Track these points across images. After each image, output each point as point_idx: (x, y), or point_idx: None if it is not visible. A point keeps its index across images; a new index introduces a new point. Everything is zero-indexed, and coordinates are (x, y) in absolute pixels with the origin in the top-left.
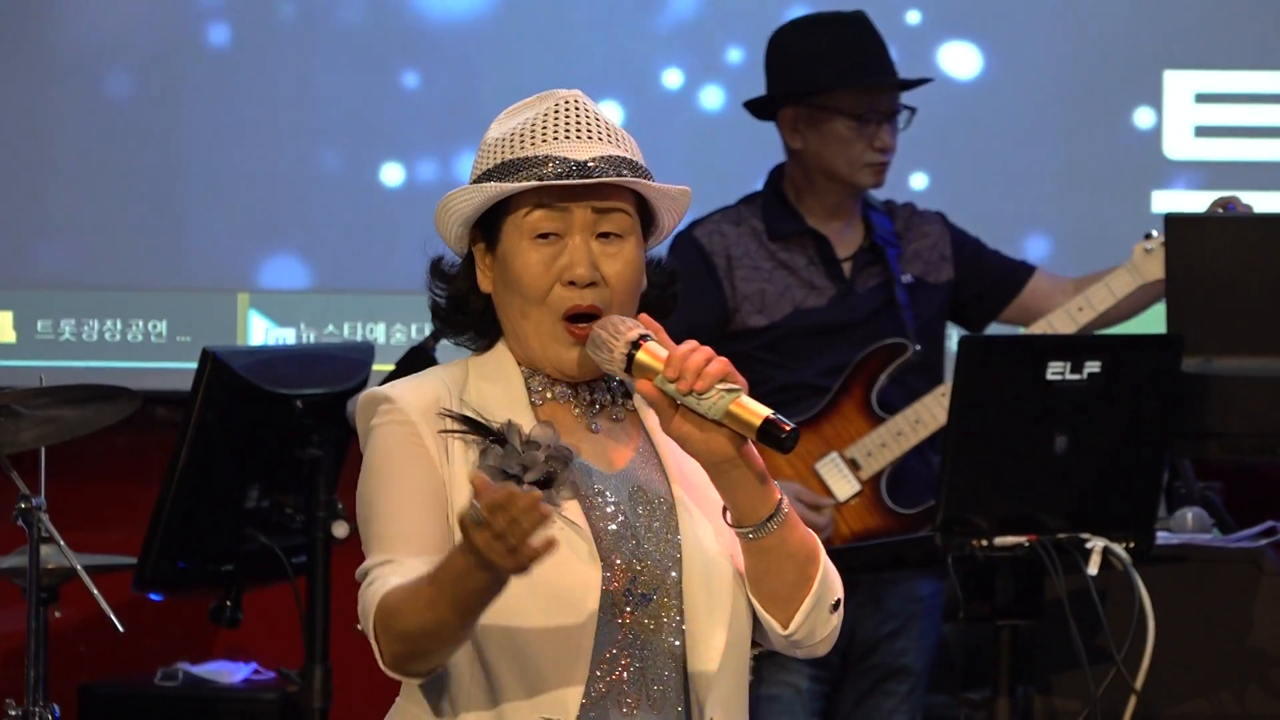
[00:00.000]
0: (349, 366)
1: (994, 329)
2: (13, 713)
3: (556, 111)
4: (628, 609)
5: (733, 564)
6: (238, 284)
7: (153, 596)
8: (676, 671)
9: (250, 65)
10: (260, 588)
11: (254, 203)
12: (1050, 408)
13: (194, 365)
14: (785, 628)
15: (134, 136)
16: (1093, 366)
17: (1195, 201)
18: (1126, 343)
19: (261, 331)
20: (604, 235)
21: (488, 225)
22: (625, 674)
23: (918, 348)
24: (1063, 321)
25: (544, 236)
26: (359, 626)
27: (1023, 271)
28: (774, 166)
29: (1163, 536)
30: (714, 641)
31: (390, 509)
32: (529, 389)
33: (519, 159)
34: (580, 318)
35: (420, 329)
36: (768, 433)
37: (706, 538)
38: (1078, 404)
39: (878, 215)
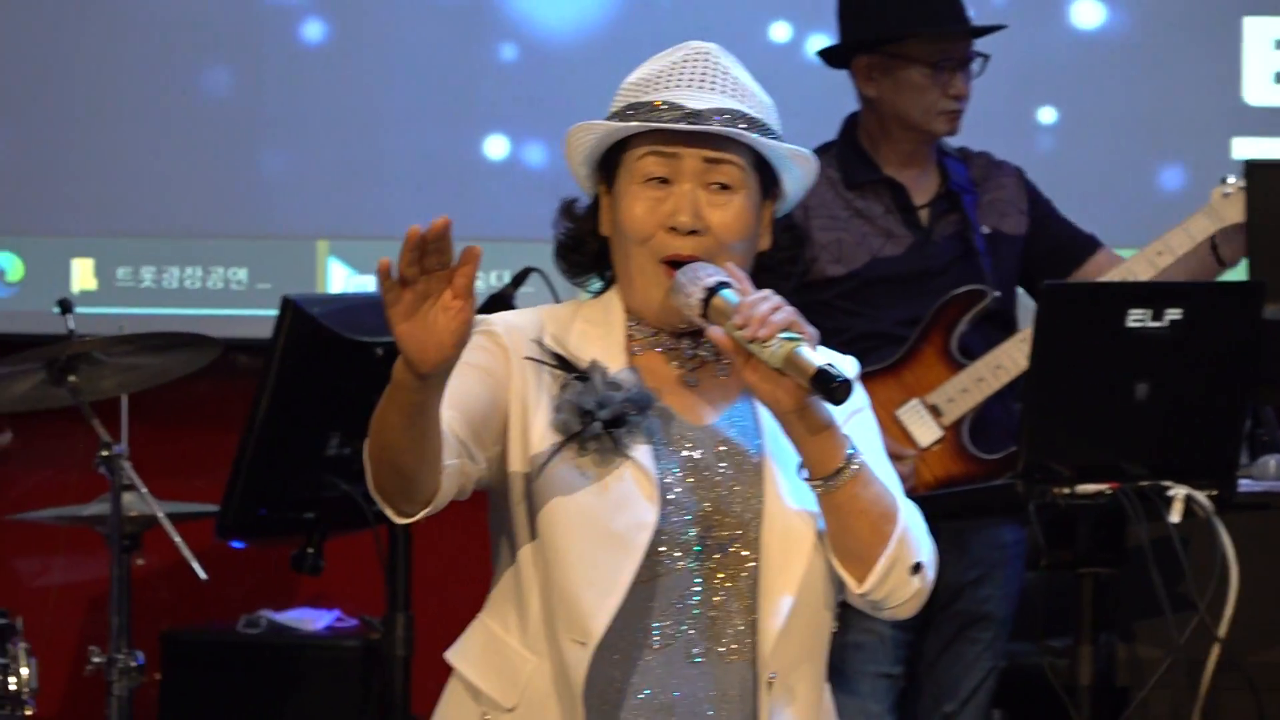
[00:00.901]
0: None
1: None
2: (96, 659)
3: (685, 61)
4: (701, 558)
5: (819, 531)
6: (317, 231)
7: (235, 544)
8: (747, 626)
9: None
10: (342, 535)
11: (334, 149)
12: (1131, 355)
13: (274, 312)
14: (860, 585)
15: (214, 86)
16: (1174, 313)
17: (1275, 147)
18: (1207, 290)
19: (341, 279)
20: (714, 185)
21: (609, 167)
22: (695, 622)
23: (997, 294)
24: (1142, 266)
25: (653, 180)
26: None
27: (1089, 243)
28: (848, 115)
29: (1245, 484)
30: (784, 601)
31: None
32: (631, 336)
33: (639, 103)
34: (680, 264)
35: (500, 276)
36: (820, 382)
37: (790, 499)
38: (1159, 351)
39: (953, 162)
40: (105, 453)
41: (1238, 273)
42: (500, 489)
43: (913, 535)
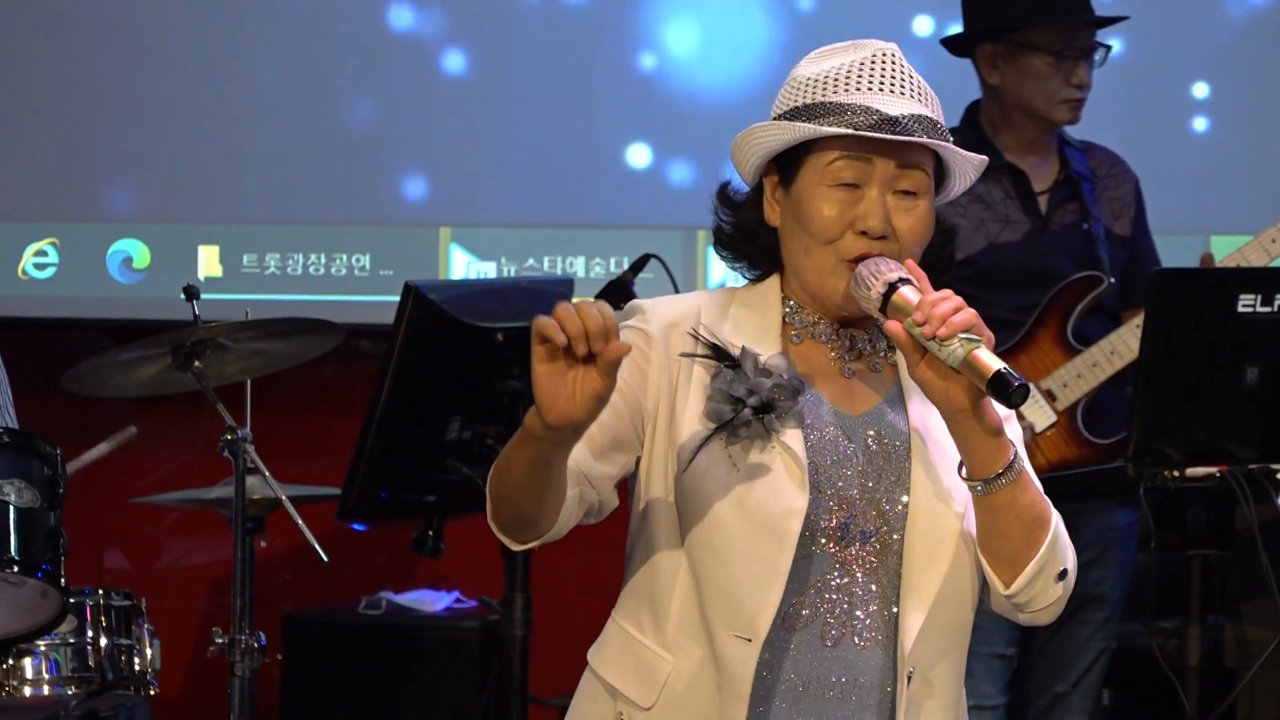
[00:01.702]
0: (549, 300)
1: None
2: (219, 640)
3: (873, 61)
4: (844, 544)
5: (963, 523)
6: (440, 218)
7: (356, 527)
8: (888, 615)
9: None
10: (461, 518)
11: (454, 138)
12: (1241, 340)
13: (396, 298)
14: (1007, 587)
15: (340, 75)
16: None
17: None
18: None
19: (463, 265)
20: (901, 191)
21: (785, 161)
22: (833, 607)
23: (1112, 280)
24: (1255, 253)
25: (844, 184)
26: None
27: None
28: (970, 102)
29: None
30: (927, 592)
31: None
32: (790, 324)
33: (831, 103)
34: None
35: (619, 263)
36: (997, 384)
37: (938, 492)
38: (1269, 336)
39: (1074, 151)
40: (229, 436)
41: None
42: (643, 489)
43: (1061, 542)
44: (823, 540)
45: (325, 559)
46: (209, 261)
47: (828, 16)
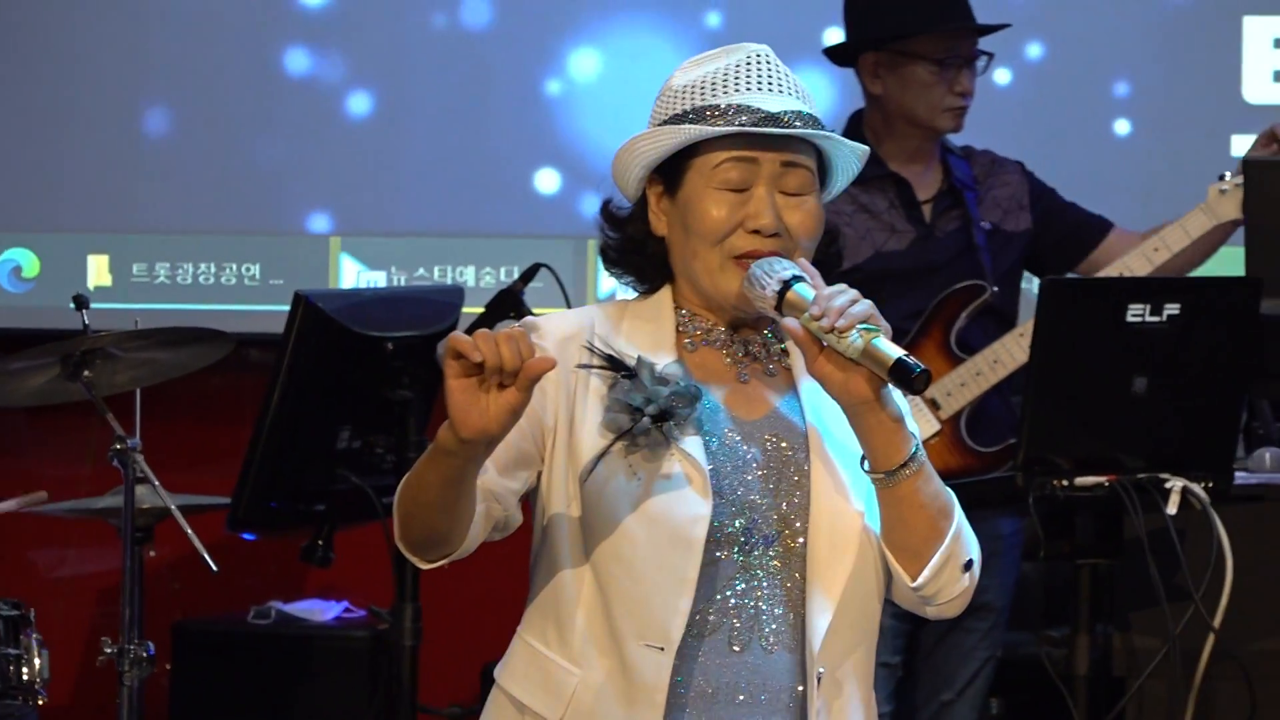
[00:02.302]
0: (439, 309)
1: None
2: (108, 650)
3: (748, 63)
4: (747, 549)
5: (865, 520)
6: (330, 228)
7: (246, 536)
8: (794, 618)
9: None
10: (351, 527)
11: (345, 146)
12: (1130, 349)
13: (287, 308)
14: (914, 580)
15: (232, 85)
16: (1172, 308)
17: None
18: (1205, 285)
19: (353, 274)
20: (788, 188)
21: (668, 170)
22: (739, 612)
23: (995, 289)
24: (1138, 262)
25: (731, 185)
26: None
27: (1099, 227)
28: (853, 112)
29: (1241, 476)
30: (833, 592)
31: None
32: (683, 332)
33: (712, 105)
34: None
35: (509, 272)
36: (899, 371)
37: (839, 491)
38: (1157, 345)
39: (956, 159)
40: (119, 446)
41: (1235, 267)
42: (545, 504)
43: (966, 532)
44: (727, 546)
45: (214, 568)
46: (99, 271)
47: (736, 35)
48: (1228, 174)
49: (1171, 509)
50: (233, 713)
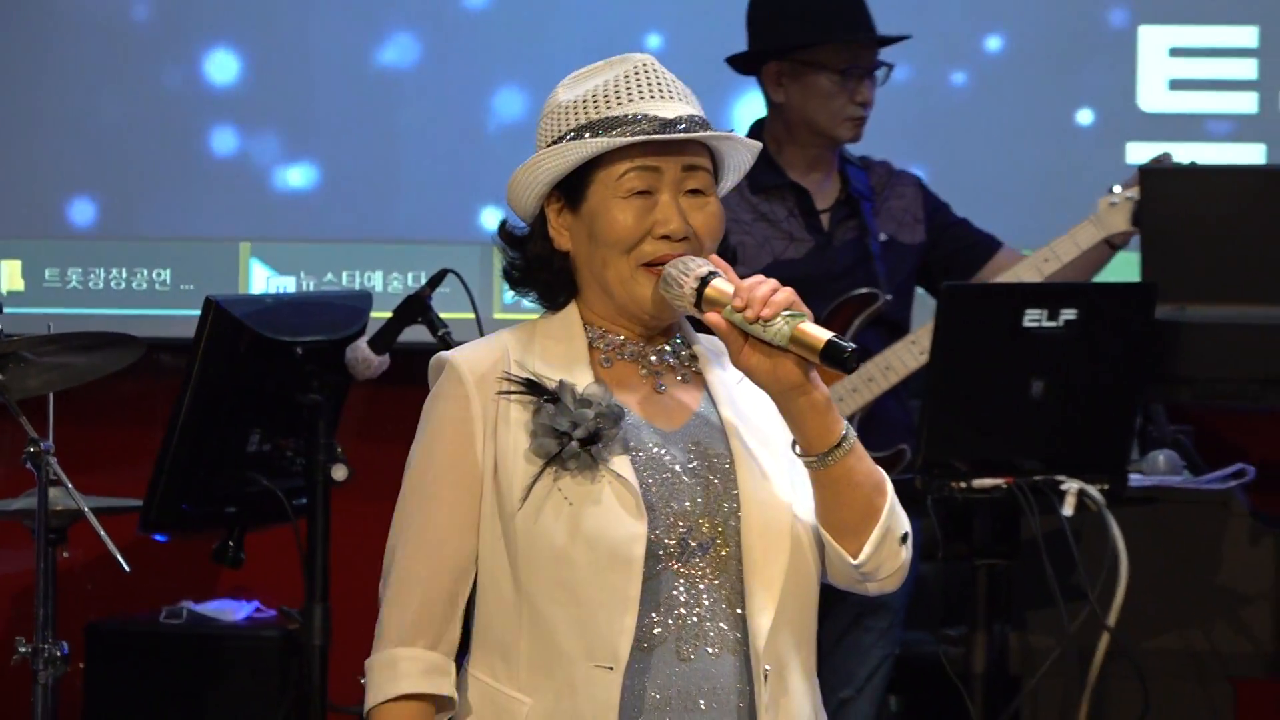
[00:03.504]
0: (348, 314)
1: None
2: (22, 649)
3: (636, 73)
4: (684, 559)
5: (794, 515)
6: (239, 233)
7: (158, 537)
8: (736, 619)
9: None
10: (262, 529)
11: (254, 152)
12: (1027, 354)
13: (197, 313)
14: (855, 558)
15: (149, 87)
16: (1069, 314)
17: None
18: (1101, 291)
19: (263, 280)
20: (690, 191)
21: (568, 185)
22: (683, 621)
23: (888, 298)
24: (1029, 273)
25: (637, 193)
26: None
27: (990, 245)
28: (754, 121)
29: (1135, 479)
30: (773, 589)
31: (417, 541)
32: (596, 349)
33: (608, 117)
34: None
35: (416, 277)
36: (831, 351)
37: (766, 491)
38: (1054, 350)
39: (854, 170)
40: (31, 449)
41: (1130, 272)
42: (479, 541)
43: (899, 507)
44: (665, 559)
45: (127, 569)
46: (11, 276)
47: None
48: (1118, 187)
49: (1068, 510)
50: (146, 711)
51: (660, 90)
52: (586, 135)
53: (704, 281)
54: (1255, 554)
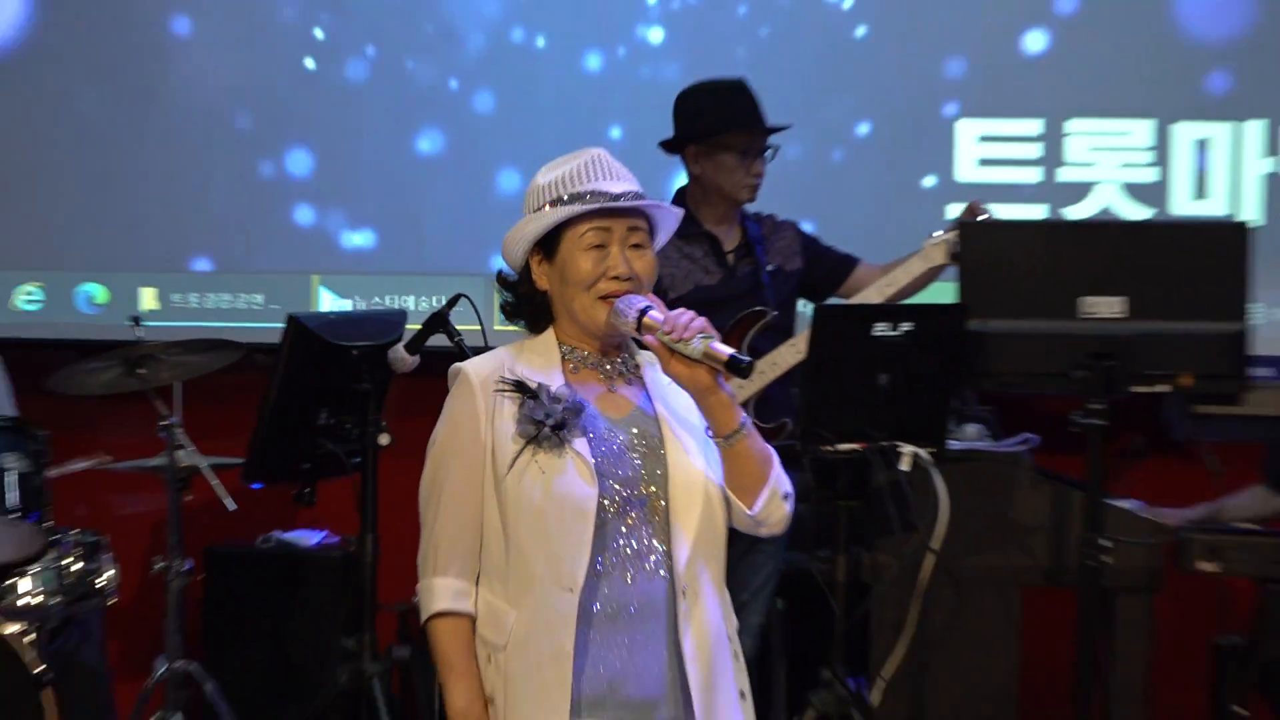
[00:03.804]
0: (389, 326)
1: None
2: (159, 565)
3: (593, 161)
4: (626, 511)
5: (707, 479)
6: (312, 268)
7: (254, 486)
8: (664, 552)
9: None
10: (328, 480)
11: (323, 219)
12: (876, 355)
13: (282, 325)
14: (750, 509)
15: (249, 174)
16: (906, 326)
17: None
18: (929, 309)
19: (328, 301)
20: (633, 245)
21: (546, 242)
22: (627, 554)
23: (775, 313)
24: (875, 295)
25: (595, 246)
26: (415, 599)
27: (849, 263)
28: (678, 188)
29: (953, 444)
30: (690, 531)
31: (446, 503)
32: (567, 360)
33: (575, 193)
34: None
35: (438, 300)
36: (732, 365)
37: (686, 462)
38: (895, 352)
39: (750, 222)
40: (163, 422)
41: (949, 295)
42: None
43: (783, 474)
44: (612, 512)
45: (232, 508)
46: (149, 299)
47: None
48: (938, 232)
49: (904, 467)
50: (247, 611)
51: (610, 173)
52: (558, 206)
53: (642, 313)
54: (1036, 497)
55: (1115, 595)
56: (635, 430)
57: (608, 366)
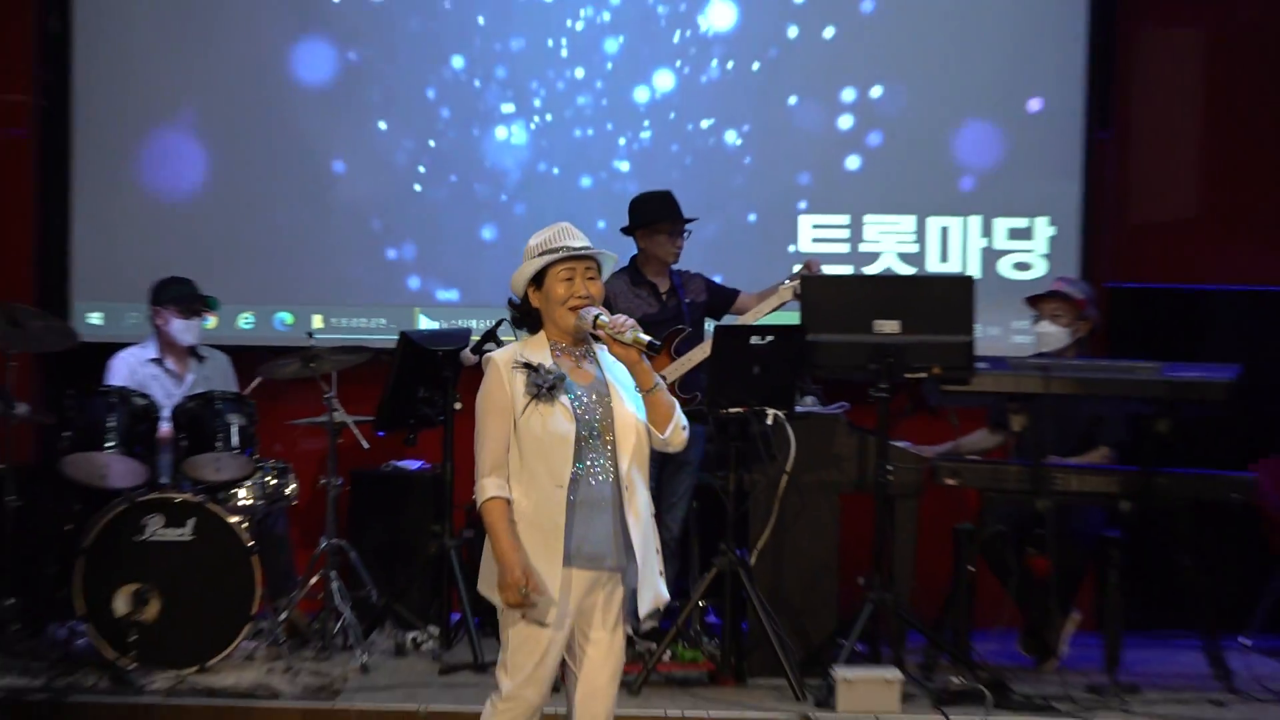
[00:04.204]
0: (459, 338)
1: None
2: (322, 481)
3: (562, 229)
4: (590, 439)
5: (636, 419)
6: (415, 303)
7: (380, 434)
8: (612, 467)
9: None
10: (425, 429)
11: (424, 276)
12: (753, 355)
13: (396, 337)
14: (661, 435)
15: (380, 250)
16: (770, 337)
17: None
18: (784, 328)
19: (425, 322)
20: (589, 276)
21: (537, 278)
22: (592, 466)
23: (689, 329)
24: (750, 318)
25: (565, 279)
26: (474, 496)
27: (734, 294)
28: (632, 256)
29: (799, 408)
30: (626, 450)
31: (488, 437)
32: (553, 350)
33: (554, 247)
34: (577, 309)
35: (489, 321)
36: (650, 346)
37: (624, 409)
38: (765, 354)
39: (675, 275)
40: (326, 395)
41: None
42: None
43: (681, 414)
44: (583, 440)
45: (366, 446)
46: (318, 321)
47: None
48: (786, 280)
49: (769, 422)
50: (375, 508)
51: (573, 236)
52: (544, 255)
53: (595, 317)
54: (848, 440)
55: (895, 499)
56: (595, 393)
57: (576, 353)
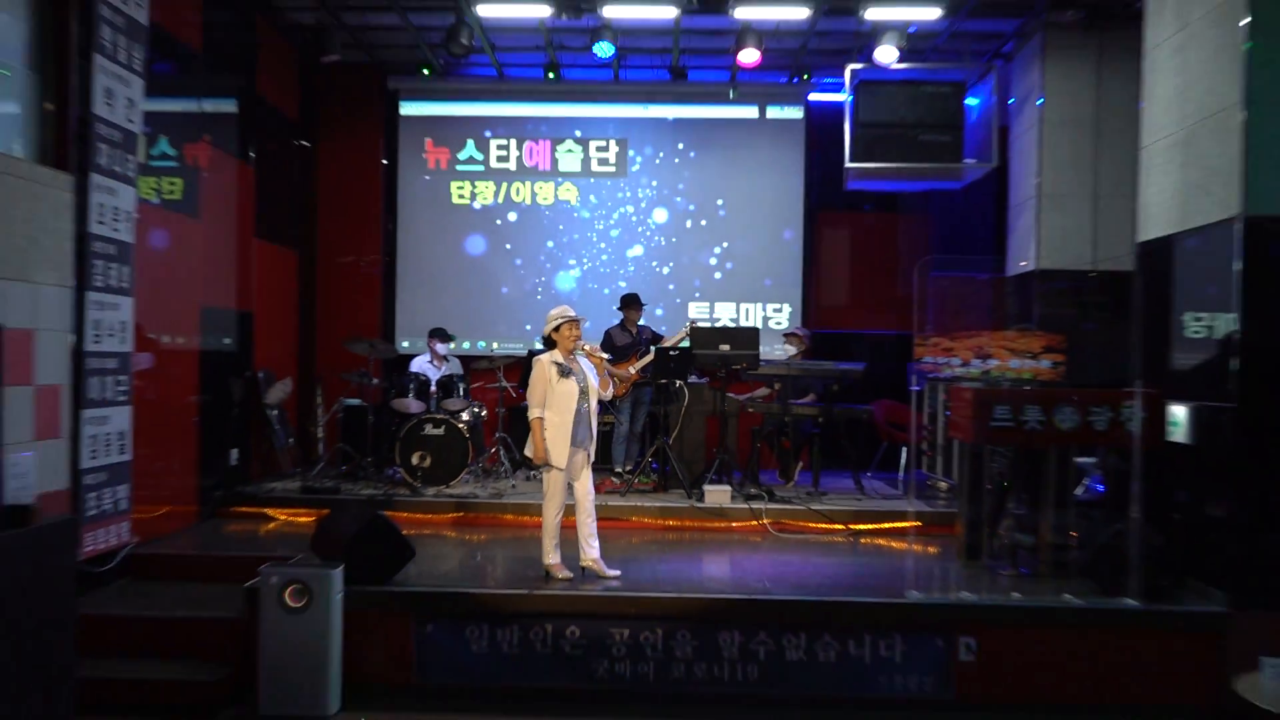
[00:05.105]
0: (537, 351)
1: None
2: (500, 411)
3: (565, 308)
4: (582, 400)
5: (597, 388)
6: (523, 339)
7: (521, 390)
8: (588, 412)
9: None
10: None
11: (533, 328)
12: (669, 359)
13: (524, 354)
14: (604, 391)
15: (483, 279)
16: (678, 351)
17: (721, 310)
18: (683, 348)
19: (532, 343)
20: (579, 332)
21: (555, 330)
22: (580, 405)
23: (644, 349)
24: (669, 344)
25: (568, 330)
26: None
27: (661, 336)
28: (621, 319)
29: (692, 381)
30: (592, 398)
31: (536, 391)
32: (565, 357)
33: (564, 318)
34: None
35: (534, 345)
36: (610, 360)
37: (590, 384)
38: (675, 359)
39: (640, 327)
40: (498, 373)
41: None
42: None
43: (613, 384)
44: (579, 396)
45: (515, 394)
46: (457, 345)
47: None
48: (684, 327)
49: (677, 386)
50: (509, 427)
51: (570, 310)
52: (558, 319)
53: (582, 347)
54: (711, 395)
55: (728, 417)
56: (581, 380)
57: (572, 359)
